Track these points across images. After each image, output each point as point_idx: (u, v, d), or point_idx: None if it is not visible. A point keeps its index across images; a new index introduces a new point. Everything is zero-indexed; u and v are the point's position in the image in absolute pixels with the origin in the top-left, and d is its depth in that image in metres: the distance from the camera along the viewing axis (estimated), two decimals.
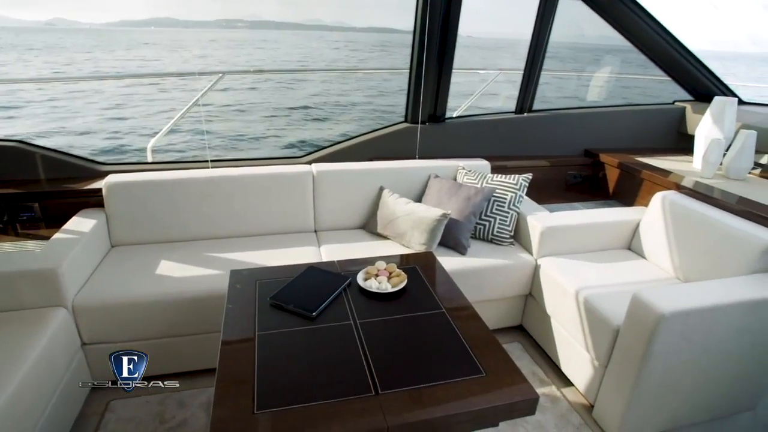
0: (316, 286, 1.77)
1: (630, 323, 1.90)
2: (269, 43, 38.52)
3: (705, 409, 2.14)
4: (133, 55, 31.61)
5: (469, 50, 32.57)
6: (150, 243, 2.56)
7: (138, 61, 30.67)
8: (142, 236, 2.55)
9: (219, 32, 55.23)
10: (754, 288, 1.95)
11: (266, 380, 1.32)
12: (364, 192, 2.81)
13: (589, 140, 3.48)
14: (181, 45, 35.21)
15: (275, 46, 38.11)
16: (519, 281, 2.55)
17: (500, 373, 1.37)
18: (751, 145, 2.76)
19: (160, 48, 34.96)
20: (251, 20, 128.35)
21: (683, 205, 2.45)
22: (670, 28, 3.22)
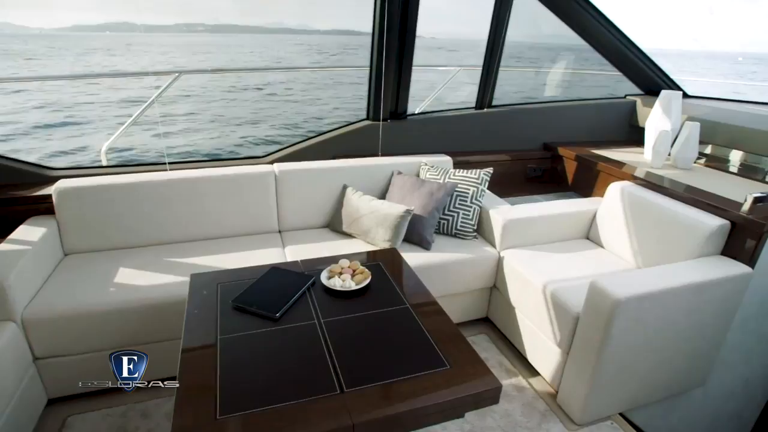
0: (279, 287, 1.75)
1: (588, 310, 1.97)
2: (232, 48, 37.57)
3: (661, 388, 2.25)
4: (88, 62, 30.16)
5: (433, 51, 32.92)
6: (106, 250, 2.47)
7: (94, 68, 29.35)
8: (98, 243, 2.46)
9: (179, 36, 53.41)
10: (700, 271, 2.05)
11: (229, 385, 1.29)
12: (327, 190, 2.79)
13: (548, 134, 3.58)
14: (140, 50, 33.87)
15: (240, 50, 37.21)
16: (483, 274, 2.59)
17: (464, 364, 1.39)
18: (696, 136, 2.90)
19: (117, 53, 33.56)
20: (212, 24, 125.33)
21: (636, 195, 2.55)
22: (621, 27, 3.35)
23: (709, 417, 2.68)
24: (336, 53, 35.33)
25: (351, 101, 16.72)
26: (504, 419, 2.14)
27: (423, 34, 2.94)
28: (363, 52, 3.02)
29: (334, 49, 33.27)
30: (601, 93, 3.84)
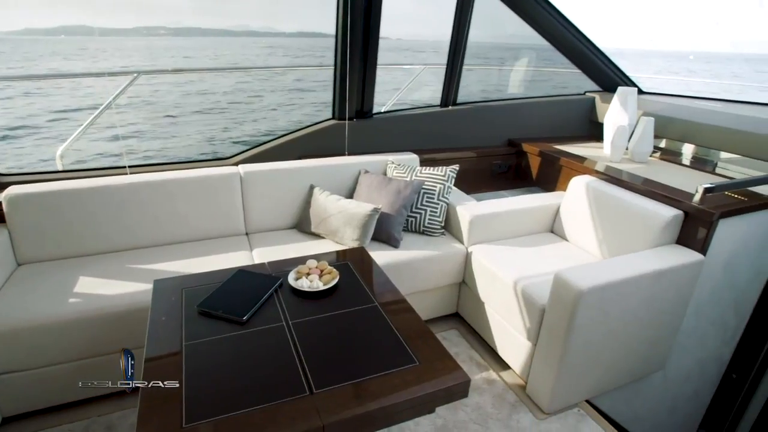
0: (245, 290, 1.72)
1: (554, 301, 2.02)
2: (197, 51, 36.43)
3: (623, 374, 2.33)
4: (41, 68, 28.62)
5: (399, 52, 33.02)
6: (64, 258, 2.37)
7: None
8: (54, 252, 2.35)
9: (139, 40, 51.36)
10: (657, 260, 2.14)
11: (195, 392, 1.26)
12: (294, 191, 2.77)
13: (512, 131, 3.65)
14: (98, 54, 32.34)
15: (205, 54, 36.11)
16: (452, 270, 2.62)
17: (433, 360, 1.40)
18: (651, 130, 3.02)
19: (74, 58, 31.95)
20: (174, 27, 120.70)
21: (596, 188, 2.63)
22: (580, 28, 3.45)
23: (669, 399, 2.80)
24: (300, 56, 34.90)
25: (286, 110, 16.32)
26: (475, 412, 2.17)
27: (389, 36, 2.95)
28: (330, 54, 3.00)
29: (300, 51, 32.81)
30: (562, 90, 3.95)
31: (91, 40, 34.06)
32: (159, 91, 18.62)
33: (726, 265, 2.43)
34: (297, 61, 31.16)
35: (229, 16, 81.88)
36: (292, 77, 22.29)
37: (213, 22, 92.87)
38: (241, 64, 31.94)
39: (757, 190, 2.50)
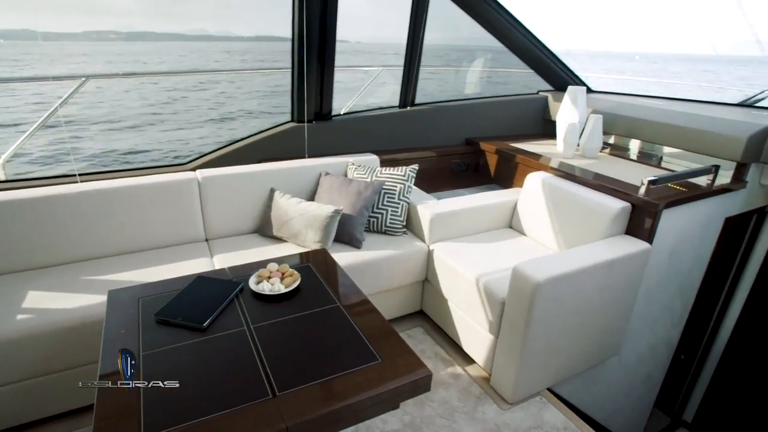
0: (205, 297, 1.69)
1: (513, 294, 2.08)
2: (151, 56, 34.96)
3: (581, 361, 2.42)
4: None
5: (358, 55, 32.97)
6: (10, 273, 2.25)
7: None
8: (1, 266, 2.23)
9: (89, 45, 48.81)
10: (608, 250, 2.24)
11: (154, 403, 1.23)
12: (255, 195, 2.73)
13: (470, 130, 3.73)
14: (42, 60, 30.43)
15: (159, 59, 34.68)
16: (414, 268, 2.66)
17: (396, 357, 1.42)
18: (599, 127, 3.16)
19: (17, 64, 29.92)
20: (126, 32, 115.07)
21: (550, 184, 2.73)
22: (532, 30, 3.57)
23: (625, 382, 2.93)
24: (259, 60, 34.23)
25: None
26: (441, 407, 2.21)
27: (349, 39, 2.96)
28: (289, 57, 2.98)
29: (259, 55, 32.10)
30: (517, 90, 4.07)
31: (34, 45, 32.13)
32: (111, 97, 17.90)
33: (671, 253, 2.57)
34: (256, 65, 30.53)
35: (184, 19, 79.35)
36: (260, 81, 21.89)
37: (167, 26, 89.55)
38: (199, 68, 31.11)
39: (696, 181, 2.66)
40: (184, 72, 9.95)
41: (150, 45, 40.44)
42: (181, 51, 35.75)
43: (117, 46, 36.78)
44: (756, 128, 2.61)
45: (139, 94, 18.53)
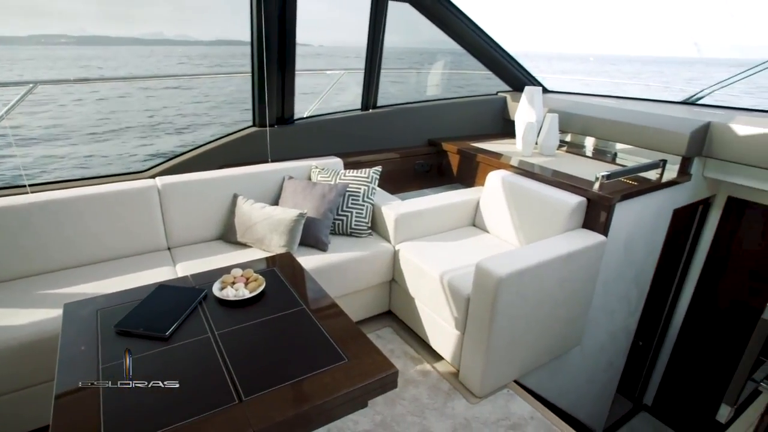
0: (167, 305, 1.65)
1: (477, 290, 2.13)
2: (107, 61, 33.29)
3: (545, 353, 2.50)
4: None
5: (322, 58, 32.78)
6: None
7: None
8: None
9: (37, 50, 45.97)
10: (566, 243, 2.33)
11: (115, 416, 1.20)
12: (217, 201, 2.69)
13: (432, 131, 3.79)
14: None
15: (115, 64, 33.05)
16: (381, 269, 2.68)
17: (362, 356, 1.43)
18: (556, 126, 3.28)
19: None
20: (77, 35, 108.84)
21: (511, 182, 2.81)
22: (489, 33, 3.67)
23: (588, 370, 3.04)
24: (217, 64, 33.39)
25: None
26: (412, 404, 2.24)
27: (311, 42, 2.96)
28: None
29: (219, 59, 31.22)
30: (477, 91, 4.16)
31: None
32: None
33: (625, 244, 2.69)
34: (216, 70, 29.70)
35: (139, 23, 76.42)
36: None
37: (122, 30, 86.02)
38: (156, 73, 30.01)
39: (646, 175, 2.79)
40: (142, 77, 9.61)
41: (104, 50, 38.74)
42: (137, 55, 34.36)
43: (68, 51, 34.92)
44: (697, 124, 2.77)
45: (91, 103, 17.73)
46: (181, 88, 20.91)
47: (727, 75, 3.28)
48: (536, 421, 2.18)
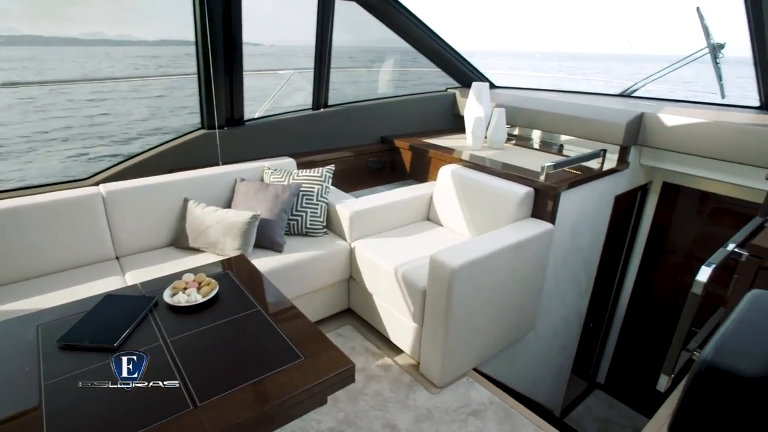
0: (115, 316, 1.60)
1: (432, 282, 2.18)
2: (40, 63, 30.89)
3: (502, 339, 2.59)
4: None
5: (273, 57, 32.15)
6: None
7: None
8: None
9: None
10: (516, 233, 2.41)
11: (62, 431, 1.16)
12: (167, 206, 2.61)
13: (384, 128, 3.82)
14: None
15: (53, 65, 30.69)
16: (338, 267, 2.69)
17: (318, 353, 1.44)
18: (503, 120, 3.38)
19: None
20: (6, 35, 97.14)
21: (462, 175, 2.88)
22: (437, 31, 3.73)
23: (543, 354, 3.17)
24: (163, 65, 31.88)
25: None
26: (374, 399, 2.26)
27: (262, 42, 2.91)
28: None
29: (165, 60, 29.78)
30: (427, 88, 4.23)
31: None
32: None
33: (572, 231, 2.82)
34: (161, 71, 28.23)
35: (75, 22, 71.32)
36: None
37: (56, 30, 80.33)
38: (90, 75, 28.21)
39: (589, 164, 2.93)
40: (77, 81, 9.10)
41: (37, 50, 36.04)
42: (73, 56, 32.20)
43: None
44: (632, 115, 2.93)
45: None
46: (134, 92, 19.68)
47: (657, 69, 3.49)
48: (495, 406, 2.25)
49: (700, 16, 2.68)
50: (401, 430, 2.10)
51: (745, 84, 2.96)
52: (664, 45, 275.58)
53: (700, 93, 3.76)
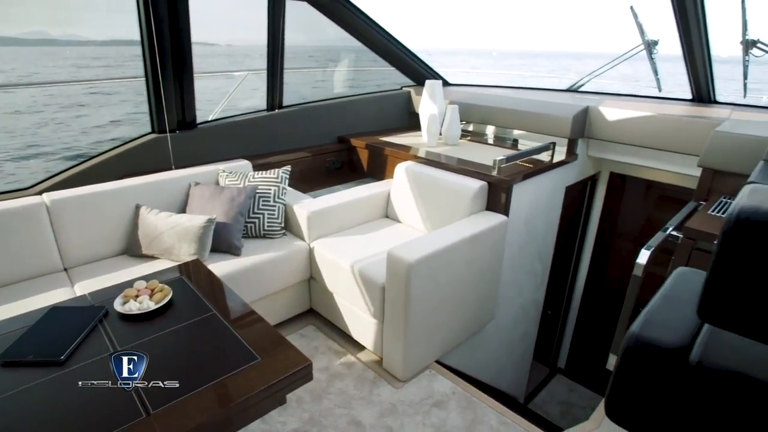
0: (61, 328, 1.54)
1: (390, 278, 2.21)
2: None
3: (462, 331, 2.65)
4: None
5: (232, 58, 31.40)
6: None
7: None
8: None
9: None
10: (471, 226, 2.48)
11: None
12: (117, 214, 2.53)
13: (341, 128, 3.83)
14: None
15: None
16: (297, 268, 2.68)
17: (275, 353, 1.44)
18: (457, 116, 3.45)
19: None
20: None
21: (418, 172, 2.93)
22: (390, 30, 3.77)
23: (505, 343, 3.26)
24: (113, 65, 30.32)
25: None
26: (339, 397, 2.27)
27: (218, 42, 2.85)
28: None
29: (112, 60, 28.25)
30: (383, 86, 4.27)
31: None
32: None
33: (526, 222, 2.92)
34: (111, 71, 26.64)
35: (15, 21, 66.18)
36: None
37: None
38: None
39: (540, 157, 3.04)
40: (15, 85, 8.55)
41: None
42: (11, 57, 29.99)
43: None
44: (578, 109, 3.06)
45: None
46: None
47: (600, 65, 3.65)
48: (458, 396, 2.31)
49: (634, 15, 2.83)
50: (366, 425, 2.12)
51: (683, 79, 3.13)
52: (607, 42, 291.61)
53: (640, 87, 3.95)
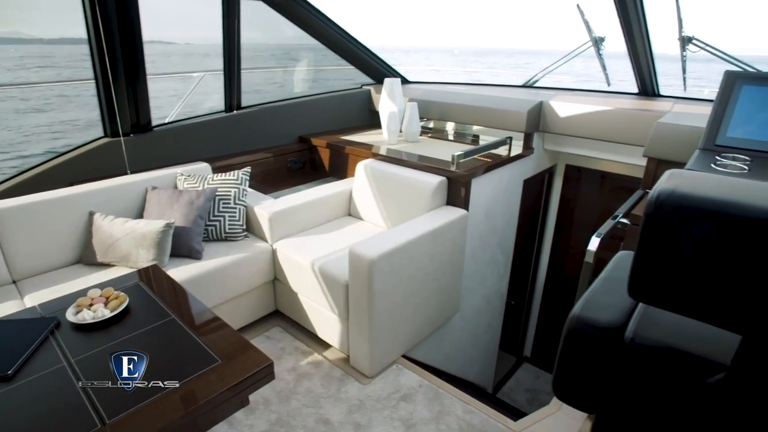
0: (8, 342, 1.49)
1: (353, 275, 2.23)
2: None
3: (428, 324, 2.69)
4: None
5: (188, 57, 30.54)
6: None
7: None
8: None
9: None
10: (431, 221, 2.52)
11: None
12: (69, 222, 2.45)
13: (302, 128, 3.81)
14: None
15: None
16: (261, 270, 2.66)
17: (236, 355, 1.44)
18: (416, 114, 3.50)
19: None
20: None
21: (378, 169, 2.96)
22: (347, 29, 3.76)
23: (470, 334, 3.33)
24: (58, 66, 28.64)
25: None
26: (306, 397, 2.28)
27: (176, 40, 2.78)
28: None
29: (64, 60, 26.77)
30: (343, 85, 4.27)
31: None
32: None
33: (486, 215, 2.99)
34: (65, 72, 25.15)
35: None
36: None
37: None
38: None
39: (497, 152, 3.12)
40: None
41: None
42: None
43: None
44: (532, 104, 3.15)
45: None
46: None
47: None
48: (424, 389, 2.35)
49: (581, 12, 2.94)
50: (334, 423, 2.13)
51: (630, 74, 3.28)
52: (562, 40, 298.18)
53: (593, 82, 4.10)
